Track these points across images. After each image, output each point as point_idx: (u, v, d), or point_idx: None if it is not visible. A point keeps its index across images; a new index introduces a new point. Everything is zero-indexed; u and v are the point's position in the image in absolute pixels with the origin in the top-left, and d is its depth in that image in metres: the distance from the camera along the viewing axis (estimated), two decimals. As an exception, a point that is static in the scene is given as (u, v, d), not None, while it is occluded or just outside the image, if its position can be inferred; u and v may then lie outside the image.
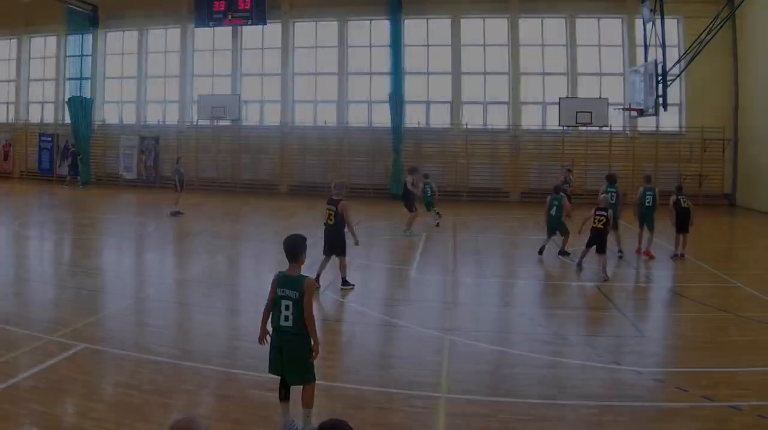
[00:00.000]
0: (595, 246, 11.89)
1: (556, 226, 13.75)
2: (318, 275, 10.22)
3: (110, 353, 7.61)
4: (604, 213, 11.82)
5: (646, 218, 13.97)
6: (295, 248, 5.50)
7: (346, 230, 10.51)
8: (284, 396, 5.57)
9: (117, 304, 9.90)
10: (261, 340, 5.65)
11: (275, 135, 27.66)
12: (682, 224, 13.46)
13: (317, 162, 26.70)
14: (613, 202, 13.56)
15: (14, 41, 32.37)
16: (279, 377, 5.57)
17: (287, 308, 5.37)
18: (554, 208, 13.72)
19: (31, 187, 28.63)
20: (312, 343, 5.43)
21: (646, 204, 13.95)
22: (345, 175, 25.87)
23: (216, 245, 15.81)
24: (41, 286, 11.18)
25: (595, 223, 11.85)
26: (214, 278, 12.20)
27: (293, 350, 5.39)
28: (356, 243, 10.72)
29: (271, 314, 5.54)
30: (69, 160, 30.64)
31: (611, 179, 14.64)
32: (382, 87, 26.25)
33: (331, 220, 10.44)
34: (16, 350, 7.49)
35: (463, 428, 5.84)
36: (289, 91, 27.84)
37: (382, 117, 26.25)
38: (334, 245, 10.52)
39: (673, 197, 13.66)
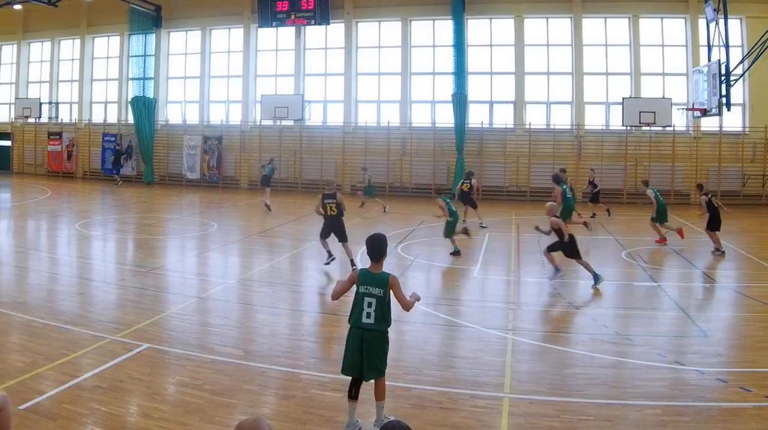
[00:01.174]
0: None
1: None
2: (351, 260, 13.39)
3: (172, 352, 8.43)
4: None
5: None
6: (379, 246, 6.21)
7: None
8: (354, 395, 6.15)
9: (179, 304, 11.00)
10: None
11: (338, 135, 31.19)
12: (717, 222, 15.97)
13: (380, 162, 29.99)
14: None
15: (77, 41, 36.64)
16: (349, 377, 6.23)
17: (370, 305, 6.02)
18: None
19: (94, 188, 32.26)
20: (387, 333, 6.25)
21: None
22: (407, 175, 29.48)
23: (278, 245, 17.55)
24: (104, 286, 12.37)
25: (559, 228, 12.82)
26: (276, 277, 13.44)
27: (374, 347, 6.04)
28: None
29: (350, 313, 6.21)
30: (130, 160, 34.50)
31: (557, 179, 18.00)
32: (446, 87, 29.55)
33: (333, 211, 13.43)
34: (80, 349, 8.33)
35: (526, 428, 6.38)
36: (352, 91, 31.41)
37: (445, 117, 29.56)
38: (340, 232, 13.50)
39: (705, 198, 16.17)
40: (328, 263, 13.71)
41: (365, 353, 6.01)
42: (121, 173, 33.87)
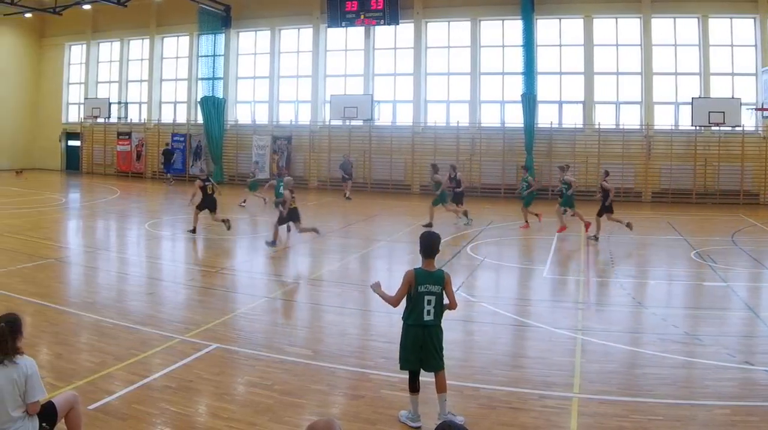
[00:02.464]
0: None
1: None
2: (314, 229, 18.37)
3: (242, 352, 9.38)
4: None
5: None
6: (435, 244, 7.13)
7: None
8: (417, 387, 7.06)
9: (248, 304, 12.30)
10: (377, 286, 7.33)
11: (407, 135, 35.72)
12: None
13: (449, 162, 34.05)
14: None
15: (146, 41, 41.98)
16: (408, 373, 7.12)
17: (429, 302, 6.89)
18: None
19: (163, 187, 36.51)
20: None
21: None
22: (476, 175, 33.68)
23: (348, 245, 19.51)
24: (173, 286, 13.95)
25: None
26: (345, 277, 15.09)
27: (435, 341, 6.98)
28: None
29: (408, 313, 7.05)
30: (200, 160, 39.46)
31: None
32: (515, 87, 33.86)
33: (294, 204, 17.67)
34: (149, 349, 9.28)
35: (596, 428, 7.02)
36: (421, 91, 35.94)
37: (515, 117, 33.82)
38: (296, 219, 17.76)
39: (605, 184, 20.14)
40: (269, 244, 17.55)
41: (428, 348, 6.97)
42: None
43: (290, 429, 7.05)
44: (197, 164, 39.60)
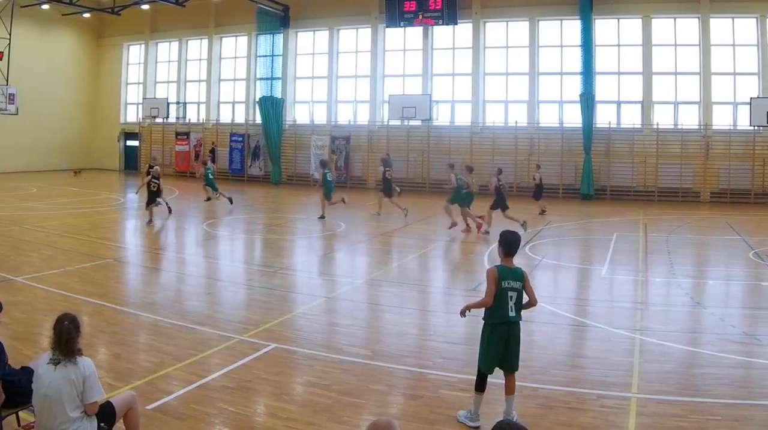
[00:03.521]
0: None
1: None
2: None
3: (300, 352, 10.08)
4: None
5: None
6: (516, 243, 7.97)
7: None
8: (485, 387, 7.77)
9: (307, 304, 13.33)
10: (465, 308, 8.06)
11: (465, 135, 39.65)
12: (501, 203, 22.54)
13: (507, 162, 37.88)
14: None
15: (205, 41, 46.68)
16: (479, 372, 7.82)
17: (512, 298, 7.67)
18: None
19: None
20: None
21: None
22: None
23: (406, 245, 21.12)
24: (231, 286, 15.04)
25: None
26: (404, 277, 16.25)
27: (517, 338, 7.78)
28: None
29: (492, 311, 7.74)
30: (258, 160, 43.75)
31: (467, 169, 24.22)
32: (573, 87, 37.52)
33: (155, 188, 23.08)
34: (207, 349, 9.97)
35: (654, 428, 7.62)
36: (480, 91, 39.89)
37: (573, 117, 37.49)
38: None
39: (495, 180, 23.11)
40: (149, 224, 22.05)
41: (510, 346, 7.71)
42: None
43: (349, 429, 7.68)
44: (255, 164, 43.84)
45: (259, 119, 43.89)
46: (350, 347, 10.50)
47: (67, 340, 6.09)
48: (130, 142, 50.61)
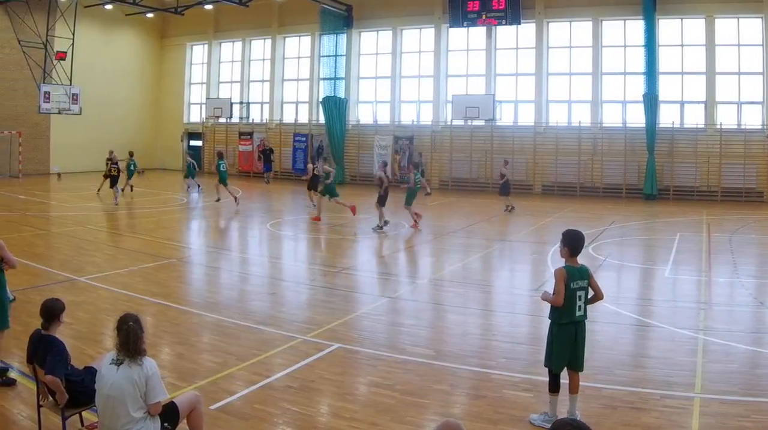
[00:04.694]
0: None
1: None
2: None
3: (363, 352, 10.93)
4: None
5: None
6: (581, 242, 8.64)
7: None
8: (559, 388, 8.48)
9: (370, 304, 14.21)
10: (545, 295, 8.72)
11: (529, 135, 43.91)
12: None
13: (571, 162, 42.02)
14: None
15: (268, 41, 51.98)
16: (551, 373, 8.50)
17: (580, 298, 8.37)
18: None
19: (285, 187, 43.84)
20: None
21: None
22: (598, 176, 41.43)
23: (469, 245, 22.51)
24: (294, 286, 16.18)
25: None
26: (467, 277, 17.34)
27: (584, 337, 8.53)
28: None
29: (561, 312, 8.40)
30: (319, 159, 47.80)
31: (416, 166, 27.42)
32: (637, 87, 41.50)
33: (115, 172, 28.04)
34: (270, 349, 10.90)
35: (717, 428, 8.25)
36: (543, 91, 44.17)
37: (636, 117, 41.48)
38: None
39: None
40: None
41: (578, 345, 8.43)
42: (271, 171, 47.27)
43: (412, 429, 8.22)
44: (318, 164, 48.05)
45: (322, 119, 48.47)
46: (413, 347, 11.31)
47: (134, 341, 6.51)
48: (193, 142, 55.31)
